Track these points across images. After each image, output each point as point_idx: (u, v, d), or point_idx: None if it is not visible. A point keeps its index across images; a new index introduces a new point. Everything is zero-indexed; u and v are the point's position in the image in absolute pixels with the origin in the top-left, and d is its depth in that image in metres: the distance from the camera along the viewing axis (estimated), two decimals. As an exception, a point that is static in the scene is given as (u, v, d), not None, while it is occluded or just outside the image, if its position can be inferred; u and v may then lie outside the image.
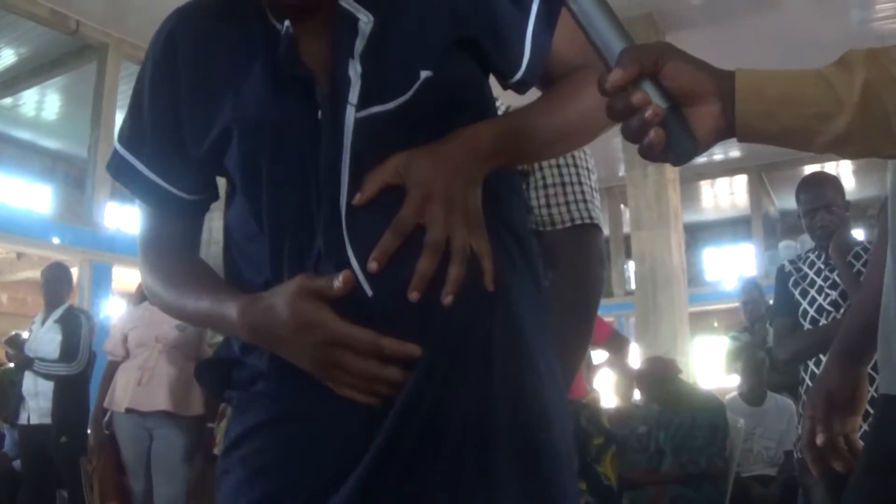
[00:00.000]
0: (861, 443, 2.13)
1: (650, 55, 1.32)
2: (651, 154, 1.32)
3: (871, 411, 2.08)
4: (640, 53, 1.32)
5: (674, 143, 1.32)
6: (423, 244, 1.43)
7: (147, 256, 1.77)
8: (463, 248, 1.45)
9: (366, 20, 1.56)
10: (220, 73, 1.61)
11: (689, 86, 1.32)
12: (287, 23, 1.54)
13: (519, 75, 1.69)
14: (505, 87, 1.75)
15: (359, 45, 1.54)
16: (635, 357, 10.16)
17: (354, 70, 1.52)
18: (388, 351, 1.42)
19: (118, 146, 1.74)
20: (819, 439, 2.15)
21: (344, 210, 1.48)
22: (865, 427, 2.21)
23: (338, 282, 1.42)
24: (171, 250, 1.76)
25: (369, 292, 1.45)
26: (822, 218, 4.66)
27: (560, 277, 2.58)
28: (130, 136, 1.72)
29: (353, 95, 1.51)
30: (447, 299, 1.42)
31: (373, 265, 1.43)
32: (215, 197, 1.79)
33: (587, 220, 2.63)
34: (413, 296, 1.42)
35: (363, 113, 1.51)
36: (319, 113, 1.51)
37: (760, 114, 1.33)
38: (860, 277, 4.32)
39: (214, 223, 7.45)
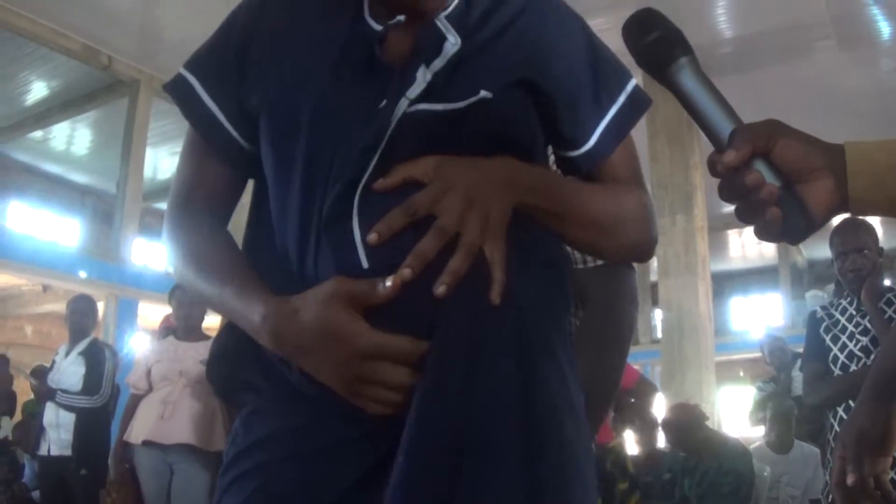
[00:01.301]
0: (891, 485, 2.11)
1: (761, 134, 1.32)
2: (769, 234, 1.32)
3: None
4: (751, 133, 1.32)
5: (790, 221, 1.31)
6: (407, 201, 1.41)
7: (177, 219, 1.70)
8: (472, 243, 1.40)
9: (453, 42, 1.56)
10: (299, 46, 1.61)
11: (801, 163, 1.32)
12: (388, 22, 1.57)
13: (573, 153, 1.68)
14: (555, 153, 1.73)
15: (438, 63, 1.53)
16: (660, 406, 10.11)
17: (423, 77, 1.51)
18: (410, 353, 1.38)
19: (183, 70, 1.71)
20: (849, 479, 2.13)
21: (360, 189, 1.45)
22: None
23: (386, 284, 1.38)
24: (206, 207, 1.70)
25: (365, 265, 1.42)
26: (855, 261, 4.63)
27: (591, 316, 2.54)
28: (198, 62, 1.71)
29: (413, 92, 1.50)
30: (440, 290, 1.36)
31: (372, 236, 1.40)
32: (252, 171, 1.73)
33: None
34: (404, 273, 1.37)
35: (413, 108, 1.49)
36: (384, 101, 1.49)
37: (870, 185, 1.31)
38: (892, 324, 4.30)
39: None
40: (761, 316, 25.47)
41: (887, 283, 4.93)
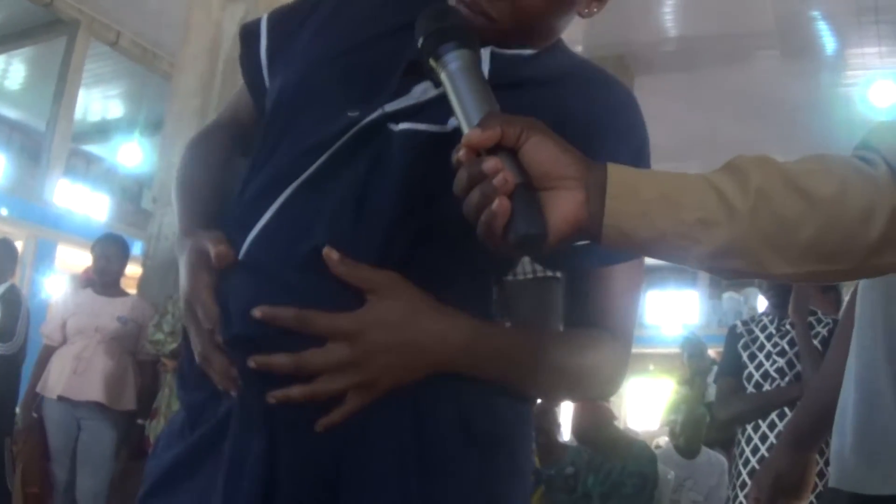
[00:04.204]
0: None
1: (514, 124, 1.19)
2: (489, 230, 1.16)
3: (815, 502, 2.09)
4: (503, 120, 1.20)
5: (518, 223, 1.15)
6: (299, 357, 1.35)
7: (202, 133, 1.83)
8: (324, 391, 1.35)
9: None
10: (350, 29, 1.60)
11: (552, 167, 1.19)
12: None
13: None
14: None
15: (417, 92, 1.48)
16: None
17: (422, 93, 1.47)
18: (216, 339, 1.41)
19: (264, 15, 1.73)
20: (763, 522, 2.16)
21: (297, 183, 1.44)
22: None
23: (212, 254, 1.43)
24: (229, 126, 1.80)
25: (240, 255, 1.43)
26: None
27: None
28: (276, 13, 1.72)
29: (392, 106, 1.44)
30: (270, 399, 1.35)
31: (257, 312, 1.35)
32: None
33: (549, 274, 2.60)
34: (252, 362, 1.35)
35: (399, 126, 1.44)
36: (358, 108, 1.46)
37: (634, 214, 1.18)
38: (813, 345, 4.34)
39: (167, 218, 7.43)
40: (676, 312, 25.67)
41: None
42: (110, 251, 7.16)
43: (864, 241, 1.22)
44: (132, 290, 7.57)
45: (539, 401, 1.80)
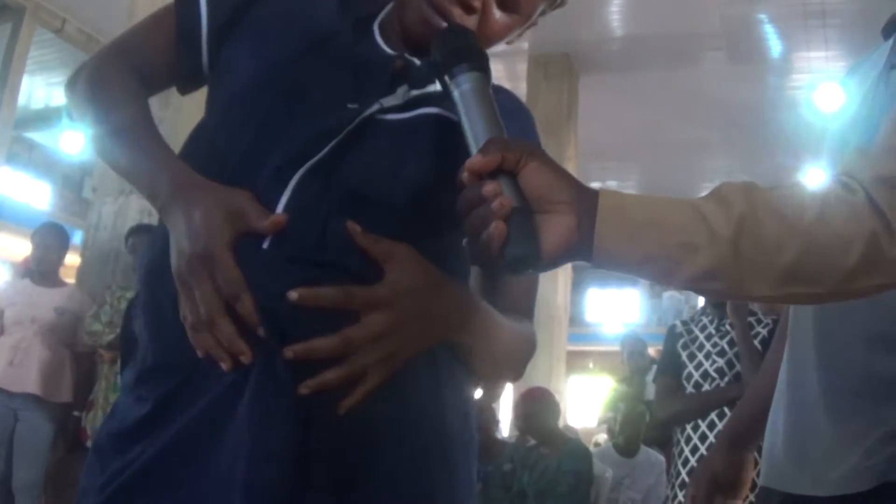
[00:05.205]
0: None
1: (514, 149, 1.27)
2: (486, 252, 1.24)
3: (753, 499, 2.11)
4: (504, 146, 1.28)
5: (513, 245, 1.23)
6: (344, 336, 1.36)
7: (109, 59, 1.70)
8: (361, 367, 1.37)
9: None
10: (299, 14, 1.66)
11: (546, 191, 1.26)
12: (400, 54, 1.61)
13: None
14: None
15: (415, 92, 1.57)
16: (507, 392, 10.20)
17: (403, 95, 1.56)
18: (244, 305, 1.35)
19: None
20: (699, 520, 2.18)
21: (304, 169, 1.45)
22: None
23: (270, 221, 1.39)
24: (138, 69, 1.68)
25: (265, 245, 1.41)
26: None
27: None
28: None
29: (389, 101, 1.53)
30: (303, 389, 1.34)
31: (294, 294, 1.35)
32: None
33: None
34: (287, 353, 1.33)
35: (379, 116, 1.52)
36: (357, 100, 1.52)
37: (622, 237, 1.25)
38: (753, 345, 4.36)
39: (106, 207, 7.37)
40: (617, 310, 25.84)
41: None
42: (50, 240, 7.10)
43: (843, 265, 1.26)
44: (71, 280, 7.51)
45: (478, 397, 1.85)
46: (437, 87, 1.52)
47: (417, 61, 1.61)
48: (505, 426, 9.85)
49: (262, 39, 1.62)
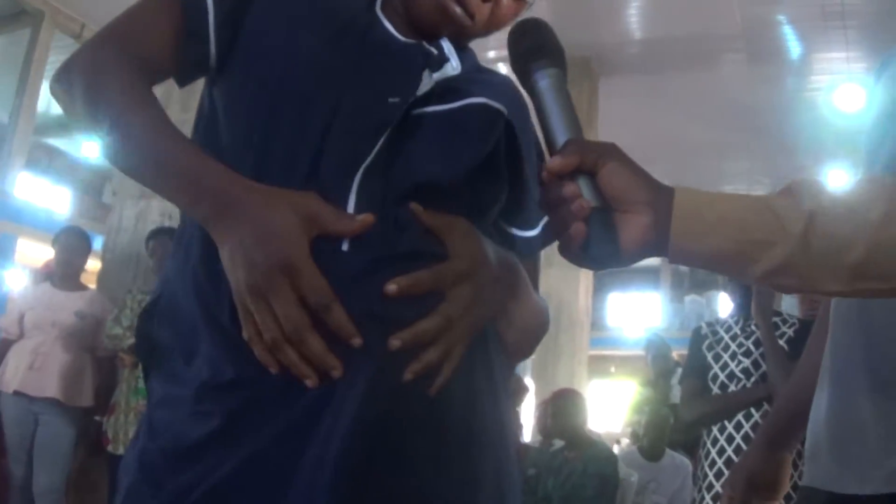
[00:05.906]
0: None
1: (592, 151, 1.33)
2: (568, 250, 1.33)
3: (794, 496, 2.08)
4: (582, 147, 1.34)
5: (593, 244, 1.31)
6: (444, 313, 1.41)
7: (114, 50, 1.58)
8: (455, 342, 1.42)
9: (454, 67, 1.60)
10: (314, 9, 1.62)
11: (624, 191, 1.32)
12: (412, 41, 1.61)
13: (522, 233, 1.73)
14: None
15: (438, 75, 1.56)
16: (529, 399, 10.19)
17: (429, 81, 1.54)
18: (335, 316, 1.33)
19: None
20: (737, 522, 2.16)
21: (363, 168, 1.44)
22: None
23: (356, 220, 1.39)
24: (141, 66, 1.57)
25: (345, 247, 1.38)
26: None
27: None
28: None
29: (422, 90, 1.52)
30: (408, 375, 1.36)
31: (392, 287, 1.37)
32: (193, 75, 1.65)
33: None
34: (393, 343, 1.35)
35: (416, 110, 1.51)
36: (398, 95, 1.50)
37: (696, 234, 1.30)
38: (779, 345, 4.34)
39: (126, 211, 7.37)
40: (638, 314, 25.81)
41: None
42: (73, 244, 7.11)
43: None
44: (91, 284, 7.51)
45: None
46: (455, 68, 1.58)
47: (434, 49, 1.60)
48: (527, 431, 9.81)
49: (286, 22, 1.57)
